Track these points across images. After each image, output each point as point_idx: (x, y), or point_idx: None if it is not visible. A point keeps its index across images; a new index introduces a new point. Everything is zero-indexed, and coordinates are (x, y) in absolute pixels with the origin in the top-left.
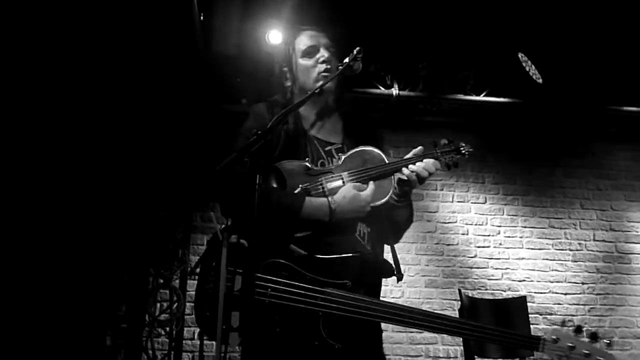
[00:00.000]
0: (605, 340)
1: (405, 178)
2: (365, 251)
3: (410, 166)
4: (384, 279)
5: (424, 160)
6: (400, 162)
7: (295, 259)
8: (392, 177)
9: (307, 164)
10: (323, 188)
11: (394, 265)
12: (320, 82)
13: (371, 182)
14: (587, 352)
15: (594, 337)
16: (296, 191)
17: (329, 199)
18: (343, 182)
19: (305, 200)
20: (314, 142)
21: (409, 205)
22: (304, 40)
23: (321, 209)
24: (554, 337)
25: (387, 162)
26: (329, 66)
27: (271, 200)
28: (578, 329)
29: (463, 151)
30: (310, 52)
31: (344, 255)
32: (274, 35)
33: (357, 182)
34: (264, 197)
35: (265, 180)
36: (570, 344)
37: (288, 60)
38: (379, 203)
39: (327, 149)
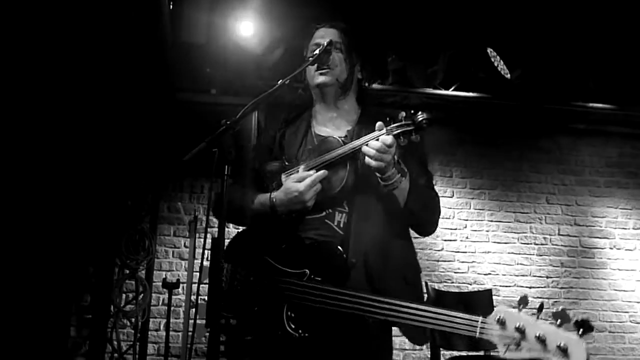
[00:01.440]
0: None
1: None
2: (335, 239)
3: (363, 148)
4: None
5: (381, 138)
6: (355, 143)
7: (263, 249)
8: (346, 163)
9: (284, 163)
10: (278, 184)
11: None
12: (321, 78)
13: (322, 171)
14: (540, 336)
15: (560, 316)
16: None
17: (271, 193)
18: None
19: (257, 197)
20: (313, 138)
21: (409, 189)
22: (314, 39)
23: (265, 203)
24: (498, 317)
25: (343, 146)
26: (327, 63)
27: (229, 197)
28: (539, 308)
29: (424, 123)
30: (314, 51)
31: (304, 241)
32: (246, 27)
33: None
34: (226, 194)
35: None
36: (519, 326)
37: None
38: (337, 190)
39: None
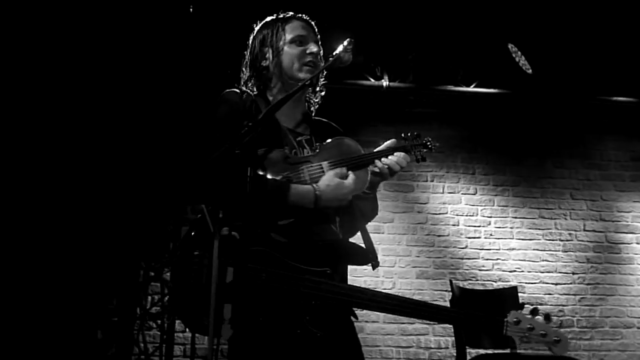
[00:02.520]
0: (555, 322)
1: (378, 170)
2: (340, 239)
3: (383, 159)
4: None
5: (396, 154)
6: (375, 154)
7: (276, 247)
8: (367, 168)
9: (286, 152)
10: (305, 176)
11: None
12: (305, 74)
13: (350, 172)
14: (543, 332)
15: (547, 317)
16: (279, 179)
17: (314, 186)
18: (323, 171)
19: (290, 187)
20: (286, 132)
21: (374, 198)
22: (295, 28)
23: (306, 196)
24: (515, 319)
25: (362, 153)
26: (315, 60)
27: (257, 188)
28: (534, 311)
29: (430, 145)
30: (300, 41)
31: (328, 239)
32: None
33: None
34: (249, 184)
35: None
36: (530, 326)
37: (274, 42)
38: (358, 192)
39: (298, 139)
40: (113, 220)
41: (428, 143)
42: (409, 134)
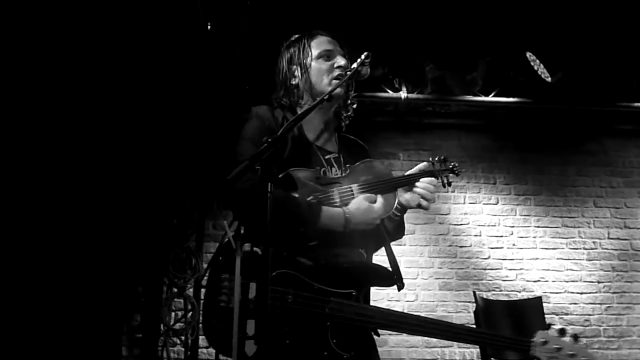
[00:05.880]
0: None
1: (412, 204)
2: (365, 261)
3: (417, 190)
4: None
5: (428, 180)
6: (405, 178)
7: (301, 269)
8: (396, 191)
9: (317, 172)
10: (336, 198)
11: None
12: (330, 88)
13: (379, 196)
14: (571, 352)
15: (575, 338)
16: (309, 199)
17: (344, 209)
18: (353, 194)
19: (322, 209)
20: (316, 150)
21: (401, 219)
22: (321, 43)
23: (337, 218)
24: (542, 339)
25: (392, 176)
26: (344, 73)
27: (288, 208)
28: (562, 331)
29: (456, 171)
30: (327, 56)
31: (354, 262)
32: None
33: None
34: (281, 204)
35: (278, 187)
36: (557, 346)
37: (302, 59)
38: (385, 216)
39: (326, 157)
40: (136, 237)
41: (454, 168)
42: (436, 159)
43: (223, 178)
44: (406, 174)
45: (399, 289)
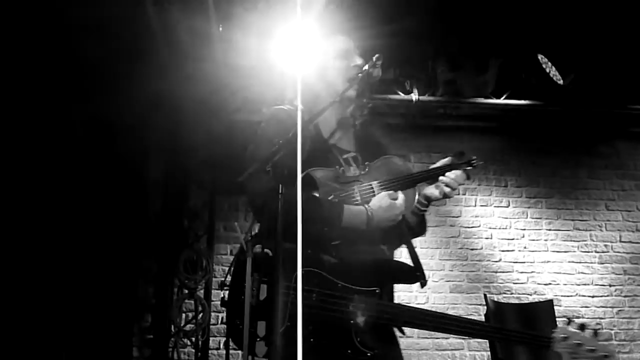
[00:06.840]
0: (590, 329)
1: (437, 194)
2: (388, 258)
3: (441, 178)
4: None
5: (454, 172)
6: (426, 172)
7: (325, 267)
8: (415, 187)
9: (337, 171)
10: (357, 196)
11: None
12: (342, 90)
13: (400, 192)
14: (592, 347)
15: (595, 333)
16: (330, 198)
17: (366, 206)
18: (374, 191)
19: (344, 208)
20: (333, 149)
21: (424, 215)
22: (339, 43)
23: (359, 216)
24: (562, 335)
25: (411, 172)
26: (360, 74)
27: (311, 208)
28: (582, 327)
29: (474, 164)
30: (345, 56)
31: (376, 259)
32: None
33: (387, 191)
34: (304, 204)
35: (302, 189)
36: (578, 341)
37: (320, 60)
38: (405, 212)
39: (344, 156)
40: (147, 239)
41: (472, 161)
42: (453, 153)
43: (235, 180)
44: (430, 167)
45: (422, 285)
